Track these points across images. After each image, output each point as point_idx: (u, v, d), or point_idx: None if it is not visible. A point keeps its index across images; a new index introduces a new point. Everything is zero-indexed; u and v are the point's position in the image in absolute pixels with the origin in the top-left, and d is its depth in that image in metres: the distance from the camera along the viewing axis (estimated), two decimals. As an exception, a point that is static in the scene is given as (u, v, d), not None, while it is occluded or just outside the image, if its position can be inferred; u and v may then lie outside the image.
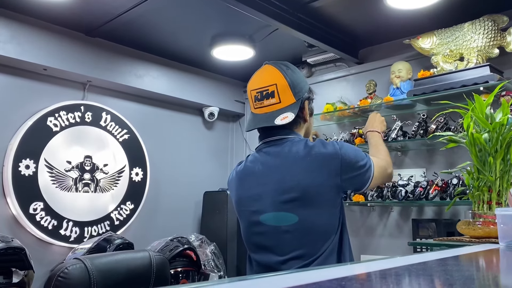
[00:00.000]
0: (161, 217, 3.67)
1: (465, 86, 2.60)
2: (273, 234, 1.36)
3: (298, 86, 1.43)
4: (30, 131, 2.94)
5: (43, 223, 2.94)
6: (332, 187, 1.34)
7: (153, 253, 1.36)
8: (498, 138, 1.30)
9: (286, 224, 1.33)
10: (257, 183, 1.41)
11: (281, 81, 1.39)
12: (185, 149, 3.93)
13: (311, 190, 1.32)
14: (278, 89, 1.38)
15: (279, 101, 1.39)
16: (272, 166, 1.39)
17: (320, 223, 1.34)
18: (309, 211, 1.33)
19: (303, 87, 1.45)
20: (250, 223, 1.42)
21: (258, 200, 1.39)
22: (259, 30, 3.03)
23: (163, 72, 3.62)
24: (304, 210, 1.33)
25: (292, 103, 1.40)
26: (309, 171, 1.33)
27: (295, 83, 1.42)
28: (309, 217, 1.33)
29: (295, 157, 1.36)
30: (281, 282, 0.57)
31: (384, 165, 1.51)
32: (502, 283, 0.59)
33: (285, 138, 1.42)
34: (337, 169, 1.34)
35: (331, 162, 1.34)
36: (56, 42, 3.00)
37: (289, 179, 1.34)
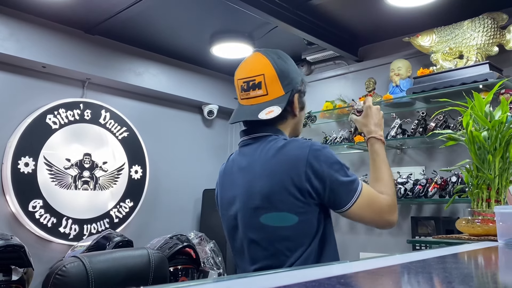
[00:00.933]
0: (160, 215, 3.67)
1: (465, 84, 2.60)
2: (244, 242, 1.26)
3: (289, 77, 1.30)
4: (29, 128, 2.94)
5: (43, 221, 2.94)
6: (300, 194, 1.18)
7: (151, 250, 1.36)
8: (497, 136, 1.30)
9: (253, 232, 1.23)
10: (232, 184, 1.31)
11: (270, 72, 1.27)
12: (184, 146, 3.93)
13: (274, 197, 1.19)
14: (266, 80, 1.27)
15: (266, 93, 1.27)
16: (244, 167, 1.28)
17: (286, 233, 1.20)
18: (274, 219, 1.20)
19: (294, 78, 1.32)
20: (228, 227, 1.32)
21: (233, 203, 1.28)
22: (259, 27, 3.03)
23: (162, 70, 3.62)
24: (268, 218, 1.20)
25: (280, 96, 1.27)
26: (273, 174, 1.20)
27: (285, 74, 1.29)
28: (273, 226, 1.20)
29: (265, 158, 1.23)
30: (279, 279, 0.57)
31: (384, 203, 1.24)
32: (500, 281, 0.59)
33: (264, 137, 1.29)
34: (303, 173, 1.17)
35: (298, 165, 1.18)
36: (55, 40, 3.00)
37: (255, 184, 1.23)
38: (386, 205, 1.23)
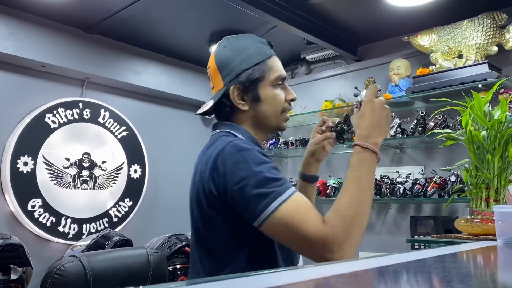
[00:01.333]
0: (159, 214, 3.67)
1: (464, 83, 2.60)
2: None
3: (228, 67, 1.18)
4: (28, 128, 2.94)
5: (42, 220, 2.94)
6: (210, 200, 1.06)
7: (150, 250, 1.35)
8: (496, 136, 1.30)
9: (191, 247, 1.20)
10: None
11: (212, 63, 1.22)
12: (183, 146, 3.92)
13: (192, 204, 1.15)
14: (210, 72, 1.23)
15: (213, 86, 1.23)
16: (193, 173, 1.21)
17: (197, 243, 1.13)
18: (192, 229, 1.16)
19: (233, 68, 1.17)
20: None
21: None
22: (258, 27, 3.03)
23: (161, 69, 3.62)
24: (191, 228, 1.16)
25: (220, 89, 1.19)
26: (193, 180, 1.16)
27: (224, 65, 1.19)
28: (192, 237, 1.17)
29: (198, 162, 1.17)
30: (278, 279, 0.57)
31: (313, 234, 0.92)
32: (500, 280, 0.59)
33: (215, 134, 1.20)
34: (209, 177, 1.05)
35: (207, 168, 1.07)
36: (54, 39, 3.00)
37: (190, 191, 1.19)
38: (316, 237, 0.91)
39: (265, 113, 1.19)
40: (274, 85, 1.19)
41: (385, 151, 3.15)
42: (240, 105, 1.18)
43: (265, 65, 1.19)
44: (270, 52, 1.23)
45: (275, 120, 1.21)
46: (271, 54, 1.22)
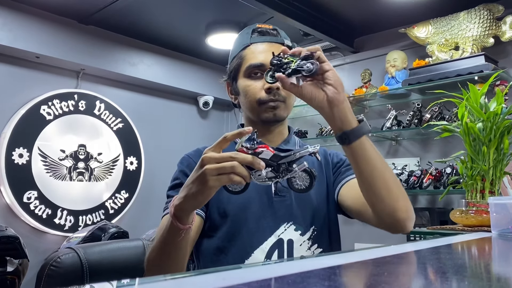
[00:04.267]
0: (156, 206, 3.67)
1: (460, 75, 2.60)
2: None
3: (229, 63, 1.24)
4: (23, 119, 2.92)
5: (37, 212, 2.94)
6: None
7: (147, 241, 1.36)
8: (492, 128, 1.31)
9: None
10: None
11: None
12: (179, 138, 3.92)
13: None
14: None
15: None
16: None
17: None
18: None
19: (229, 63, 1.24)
20: None
21: None
22: (254, 18, 3.01)
23: (157, 60, 3.60)
24: None
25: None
26: None
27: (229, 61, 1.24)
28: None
29: None
30: (273, 270, 0.57)
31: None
32: (494, 271, 0.59)
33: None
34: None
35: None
36: (49, 30, 2.97)
37: None
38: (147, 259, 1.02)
39: (244, 105, 1.20)
40: (247, 76, 1.16)
41: (381, 143, 3.16)
42: (233, 99, 1.25)
43: (240, 57, 1.18)
44: (248, 41, 1.19)
45: (255, 112, 1.16)
46: (248, 43, 1.18)
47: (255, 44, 1.17)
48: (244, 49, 1.18)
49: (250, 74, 1.15)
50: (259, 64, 1.14)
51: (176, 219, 0.89)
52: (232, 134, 0.84)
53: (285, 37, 1.21)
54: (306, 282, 0.48)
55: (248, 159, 0.80)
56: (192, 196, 0.85)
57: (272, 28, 1.22)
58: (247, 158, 0.80)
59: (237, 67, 1.18)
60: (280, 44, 1.16)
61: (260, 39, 1.18)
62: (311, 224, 1.13)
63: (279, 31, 1.22)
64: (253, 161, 0.80)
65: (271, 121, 1.17)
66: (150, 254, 1.00)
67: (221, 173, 0.80)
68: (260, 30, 1.20)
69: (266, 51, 1.15)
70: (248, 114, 1.21)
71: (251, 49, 1.17)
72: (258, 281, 0.49)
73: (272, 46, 1.15)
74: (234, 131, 0.84)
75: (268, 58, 1.10)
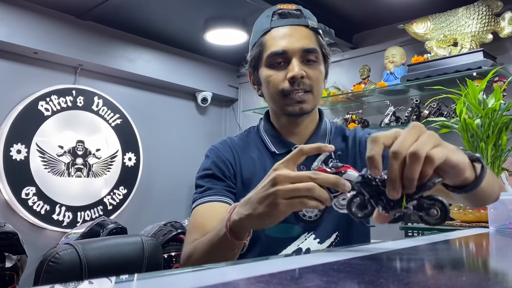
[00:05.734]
0: (154, 202, 3.67)
1: (459, 71, 2.60)
2: None
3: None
4: (21, 115, 2.91)
5: (36, 208, 2.94)
6: None
7: (145, 237, 1.36)
8: (490, 124, 1.31)
9: None
10: None
11: None
12: (178, 134, 3.91)
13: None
14: None
15: None
16: None
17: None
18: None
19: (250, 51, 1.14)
20: None
21: None
22: (253, 13, 3.00)
23: (155, 56, 3.59)
24: None
25: None
26: None
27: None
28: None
29: None
30: (272, 266, 0.57)
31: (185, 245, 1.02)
32: (491, 266, 0.59)
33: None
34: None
35: None
36: (47, 25, 2.96)
37: None
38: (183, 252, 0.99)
39: (267, 96, 1.11)
40: (268, 65, 1.07)
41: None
42: (256, 90, 1.16)
43: (261, 44, 1.08)
44: (268, 25, 1.08)
45: (279, 104, 1.08)
46: (268, 28, 1.08)
47: (276, 28, 1.07)
48: (264, 35, 1.08)
49: (271, 62, 1.06)
50: (280, 51, 1.04)
51: (231, 234, 0.79)
52: (310, 148, 0.71)
53: (309, 17, 1.10)
54: (305, 278, 0.48)
55: (330, 179, 0.66)
56: (257, 217, 0.73)
57: (295, 9, 1.10)
58: (330, 179, 0.66)
59: (257, 55, 1.09)
60: (304, 26, 1.07)
61: (281, 22, 1.07)
62: (333, 231, 1.06)
63: (302, 11, 1.10)
64: (337, 182, 0.65)
65: (291, 114, 1.08)
66: (192, 253, 0.93)
67: (295, 196, 0.68)
68: (281, 12, 1.09)
69: (288, 36, 1.05)
70: (272, 106, 1.12)
71: (271, 35, 1.07)
72: (256, 277, 0.49)
73: (294, 30, 1.06)
74: (312, 144, 0.72)
75: (291, 43, 1.03)
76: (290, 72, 1.02)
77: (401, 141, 0.57)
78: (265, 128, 1.16)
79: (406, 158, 0.55)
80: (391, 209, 0.59)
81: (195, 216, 1.02)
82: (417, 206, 0.58)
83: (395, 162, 0.56)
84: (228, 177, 1.08)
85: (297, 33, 1.03)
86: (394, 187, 0.56)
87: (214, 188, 1.05)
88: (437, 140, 0.58)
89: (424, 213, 0.58)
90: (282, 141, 1.12)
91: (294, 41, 1.03)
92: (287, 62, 1.04)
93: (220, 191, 1.04)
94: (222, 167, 1.09)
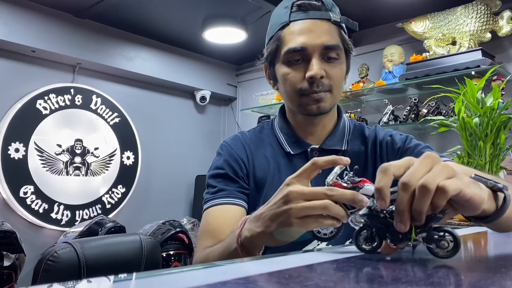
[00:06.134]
0: (153, 201, 3.67)
1: (457, 70, 2.60)
2: None
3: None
4: (19, 114, 2.91)
5: (34, 207, 2.93)
6: None
7: (144, 236, 1.35)
8: (488, 123, 1.31)
9: None
10: None
11: None
12: (176, 132, 3.91)
13: None
14: None
15: None
16: None
17: None
18: None
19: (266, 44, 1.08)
20: None
21: None
22: (251, 12, 3.00)
23: (154, 55, 3.58)
24: None
25: None
26: None
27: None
28: None
29: None
30: (273, 265, 0.57)
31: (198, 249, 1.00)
32: (489, 264, 0.60)
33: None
34: None
35: None
36: (45, 24, 2.95)
37: None
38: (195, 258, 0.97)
39: (283, 94, 1.05)
40: (286, 62, 1.00)
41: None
42: (271, 85, 1.10)
43: (278, 38, 1.01)
44: (286, 18, 1.00)
45: (295, 103, 1.02)
46: (287, 21, 1.00)
47: (295, 22, 0.99)
48: (282, 29, 1.01)
49: (289, 59, 0.99)
50: (299, 48, 0.97)
51: (243, 250, 0.76)
52: (324, 161, 0.67)
53: (331, 9, 1.02)
54: (304, 275, 0.48)
55: (347, 195, 0.62)
56: (269, 235, 0.69)
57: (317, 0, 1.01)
58: (347, 195, 0.62)
59: (274, 50, 1.02)
60: (325, 20, 0.99)
61: (301, 15, 0.99)
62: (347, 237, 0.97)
63: (324, 2, 1.01)
64: (354, 198, 0.61)
65: (309, 113, 1.02)
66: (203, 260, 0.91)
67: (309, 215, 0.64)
68: (300, 4, 1.00)
69: (308, 31, 0.97)
70: (288, 103, 1.06)
71: (290, 29, 0.99)
72: (255, 276, 0.49)
73: (315, 24, 0.98)
74: (326, 157, 0.67)
75: (310, 39, 0.95)
76: (309, 71, 0.96)
77: (412, 172, 0.54)
78: (280, 126, 1.10)
79: (415, 190, 0.53)
80: (399, 241, 0.57)
81: (207, 219, 1.00)
82: (427, 238, 0.55)
83: (404, 194, 0.53)
84: (241, 177, 1.04)
85: (318, 28, 0.96)
86: (402, 220, 0.53)
87: (227, 190, 1.01)
88: (451, 172, 0.54)
89: (434, 246, 0.55)
90: (298, 140, 1.07)
91: (315, 37, 0.96)
92: (306, 59, 0.98)
93: (232, 193, 1.01)
94: (235, 167, 1.04)
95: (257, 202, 1.02)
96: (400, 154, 1.03)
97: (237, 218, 0.87)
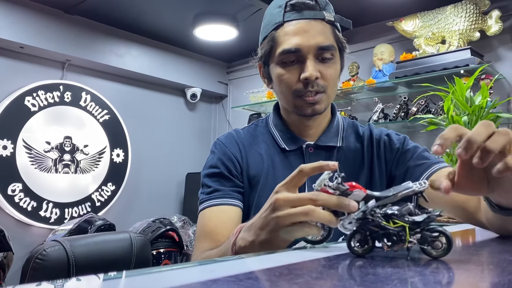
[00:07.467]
0: (143, 198, 3.66)
1: (446, 69, 2.62)
2: None
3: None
4: (7, 111, 2.87)
5: (22, 205, 2.90)
6: None
7: (134, 234, 1.35)
8: (477, 121, 1.32)
9: None
10: None
11: None
12: (167, 130, 3.90)
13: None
14: None
15: None
16: None
17: None
18: None
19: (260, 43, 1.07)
20: None
21: None
22: (242, 9, 2.99)
23: (144, 51, 3.56)
24: None
25: None
26: None
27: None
28: None
29: None
30: (262, 262, 0.57)
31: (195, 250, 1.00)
32: (477, 259, 0.60)
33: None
34: None
35: None
36: (33, 19, 2.91)
37: None
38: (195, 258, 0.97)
39: (277, 94, 1.05)
40: (280, 63, 1.00)
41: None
42: (266, 83, 1.09)
43: (272, 39, 1.01)
44: (280, 18, 0.99)
45: (290, 104, 1.02)
46: (280, 21, 0.99)
47: (289, 22, 0.98)
48: (276, 29, 1.00)
49: (284, 60, 0.99)
50: (293, 49, 0.96)
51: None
52: (311, 167, 0.66)
53: (325, 8, 1.02)
54: (294, 274, 0.48)
55: (332, 201, 0.61)
56: (260, 244, 0.69)
57: None
58: (332, 200, 0.61)
59: (268, 51, 1.02)
60: (319, 20, 0.99)
61: (294, 15, 0.98)
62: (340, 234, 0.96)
63: (318, 1, 1.01)
64: (340, 203, 0.60)
65: (304, 115, 1.03)
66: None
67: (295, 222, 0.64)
68: (294, 3, 0.98)
69: (302, 31, 0.97)
70: (283, 103, 1.07)
71: (284, 30, 0.99)
72: (245, 273, 0.49)
73: (309, 24, 0.98)
74: (313, 163, 0.66)
75: (305, 40, 0.95)
76: (303, 73, 0.96)
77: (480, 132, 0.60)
78: (275, 123, 1.10)
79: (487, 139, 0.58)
80: (394, 244, 0.57)
81: (203, 221, 0.99)
82: (421, 239, 0.56)
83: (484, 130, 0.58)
84: (235, 175, 1.04)
85: (312, 29, 0.95)
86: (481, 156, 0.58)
87: (222, 190, 1.01)
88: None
89: (428, 246, 0.56)
90: (293, 137, 1.07)
91: (309, 37, 0.95)
92: (301, 60, 0.97)
93: (228, 193, 1.01)
94: (229, 165, 1.04)
95: (251, 200, 1.02)
96: (399, 154, 1.04)
97: (233, 219, 0.88)
